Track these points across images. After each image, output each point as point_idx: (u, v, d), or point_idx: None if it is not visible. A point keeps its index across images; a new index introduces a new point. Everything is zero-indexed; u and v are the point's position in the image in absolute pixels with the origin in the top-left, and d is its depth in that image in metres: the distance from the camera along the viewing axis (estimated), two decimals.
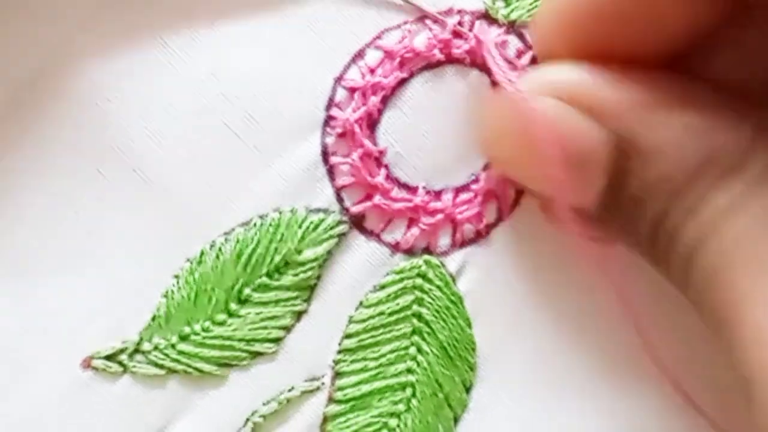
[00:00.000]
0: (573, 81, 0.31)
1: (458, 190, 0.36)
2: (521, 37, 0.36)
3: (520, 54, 0.36)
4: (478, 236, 0.36)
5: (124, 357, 0.34)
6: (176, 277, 0.35)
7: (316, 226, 0.35)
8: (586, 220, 0.32)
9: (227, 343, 0.35)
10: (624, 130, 0.30)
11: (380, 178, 0.35)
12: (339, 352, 0.35)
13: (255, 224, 0.35)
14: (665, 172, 0.29)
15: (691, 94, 0.30)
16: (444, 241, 0.36)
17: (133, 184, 0.35)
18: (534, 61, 0.35)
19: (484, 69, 0.35)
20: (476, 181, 0.36)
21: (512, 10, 0.36)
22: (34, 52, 0.34)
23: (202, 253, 0.35)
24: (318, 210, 0.35)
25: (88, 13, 0.34)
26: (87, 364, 0.34)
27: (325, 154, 0.35)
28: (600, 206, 0.31)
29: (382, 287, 0.36)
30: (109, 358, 0.34)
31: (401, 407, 0.35)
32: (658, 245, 0.30)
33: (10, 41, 0.34)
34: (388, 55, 0.35)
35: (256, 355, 0.35)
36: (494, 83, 0.35)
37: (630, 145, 0.30)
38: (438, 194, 0.36)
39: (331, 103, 0.35)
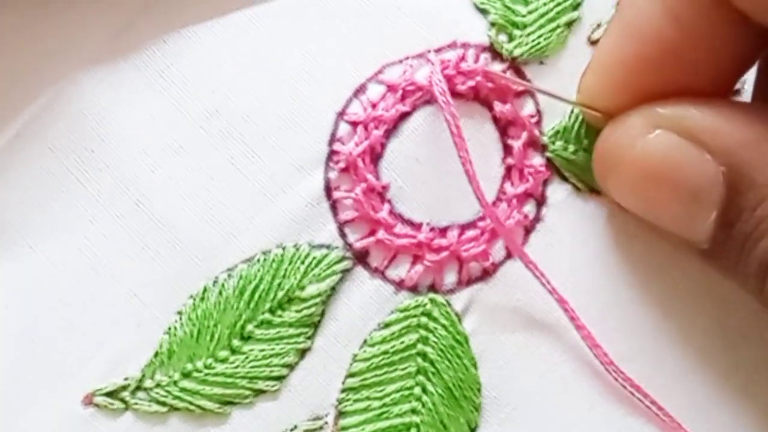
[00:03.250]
0: (685, 115, 0.31)
1: (464, 227, 0.35)
2: (519, 73, 0.36)
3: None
4: (485, 274, 0.35)
5: (126, 394, 0.34)
6: (179, 313, 0.35)
7: (319, 262, 0.35)
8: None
9: (229, 380, 0.34)
10: (737, 164, 0.29)
11: (383, 213, 0.35)
12: (342, 390, 0.35)
13: (258, 260, 0.35)
14: None
15: None
16: (450, 278, 0.35)
17: (137, 219, 0.35)
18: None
19: (486, 103, 0.35)
20: (483, 218, 0.35)
21: (516, 46, 0.36)
22: (42, 86, 0.35)
23: (204, 290, 0.35)
24: (321, 246, 0.35)
25: (94, 49, 0.35)
26: (89, 400, 0.34)
27: (328, 189, 0.35)
28: (711, 242, 0.31)
29: (387, 325, 0.35)
30: (110, 394, 0.34)
31: None
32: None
33: (18, 75, 0.35)
34: (391, 88, 0.35)
35: (259, 392, 0.34)
36: (496, 118, 0.35)
37: (743, 180, 0.29)
38: (443, 231, 0.35)
39: (333, 138, 0.35)
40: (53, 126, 0.35)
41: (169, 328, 0.35)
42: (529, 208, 0.36)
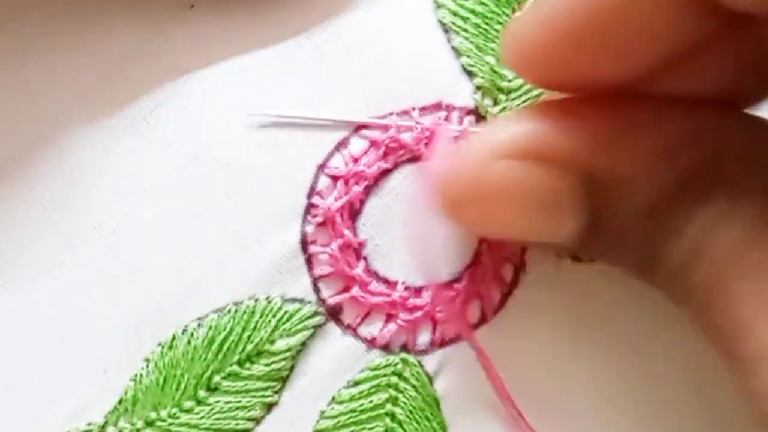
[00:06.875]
0: (524, 135, 0.30)
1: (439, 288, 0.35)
2: None
3: None
4: (459, 336, 0.35)
5: None
6: (146, 360, 0.34)
7: (291, 316, 0.34)
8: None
9: (193, 431, 0.34)
10: (589, 169, 0.29)
11: (359, 270, 0.35)
12: None
13: (229, 311, 0.34)
14: (642, 200, 0.29)
15: (649, 116, 0.29)
16: (424, 339, 0.35)
17: (109, 263, 0.34)
18: None
19: None
20: (459, 279, 0.35)
21: (501, 110, 0.35)
22: (18, 127, 0.35)
23: (173, 338, 0.34)
24: (294, 300, 0.34)
25: (81, 92, 0.35)
26: None
27: (305, 243, 0.35)
28: (582, 243, 0.30)
29: (356, 383, 0.34)
30: None
31: None
32: (648, 270, 0.30)
33: (1, 116, 0.35)
34: (374, 144, 0.35)
35: None
36: None
37: (600, 182, 0.29)
38: (418, 290, 0.35)
39: (312, 191, 0.35)
40: (34, 167, 0.35)
41: (136, 375, 0.34)
42: (506, 272, 0.35)
